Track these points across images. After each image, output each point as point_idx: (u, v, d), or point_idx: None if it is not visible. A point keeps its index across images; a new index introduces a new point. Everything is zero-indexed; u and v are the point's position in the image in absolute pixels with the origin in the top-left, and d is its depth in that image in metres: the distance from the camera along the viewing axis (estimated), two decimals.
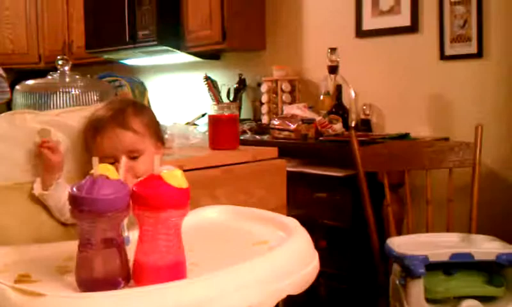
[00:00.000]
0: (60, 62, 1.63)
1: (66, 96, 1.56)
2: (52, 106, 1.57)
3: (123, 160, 0.82)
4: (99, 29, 4.03)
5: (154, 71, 4.43)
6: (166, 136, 1.43)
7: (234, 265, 0.81)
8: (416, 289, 1.58)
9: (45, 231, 1.20)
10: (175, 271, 0.81)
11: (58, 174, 1.18)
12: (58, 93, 1.56)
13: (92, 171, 0.80)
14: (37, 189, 1.17)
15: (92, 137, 1.19)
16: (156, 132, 1.24)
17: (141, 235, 0.81)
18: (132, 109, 1.21)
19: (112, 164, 1.12)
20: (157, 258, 0.80)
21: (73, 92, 1.57)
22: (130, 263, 0.83)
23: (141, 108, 1.24)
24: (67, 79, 1.61)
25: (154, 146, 1.21)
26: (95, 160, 0.81)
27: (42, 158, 1.18)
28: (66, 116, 1.35)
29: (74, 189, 0.79)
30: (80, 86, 1.58)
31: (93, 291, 0.76)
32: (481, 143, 2.02)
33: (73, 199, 0.79)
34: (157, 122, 1.27)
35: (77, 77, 1.64)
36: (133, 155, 1.15)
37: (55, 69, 1.65)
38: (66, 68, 1.63)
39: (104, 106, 1.23)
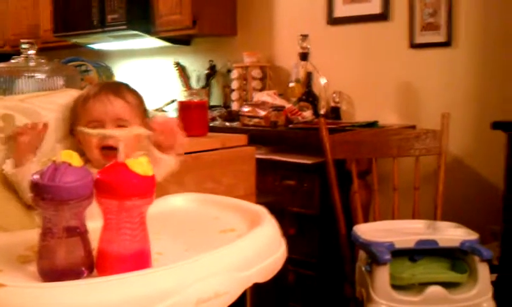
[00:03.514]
0: (24, 46, 1.58)
1: (30, 81, 1.52)
2: (16, 91, 1.53)
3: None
4: (67, 12, 3.94)
5: (123, 56, 4.36)
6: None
7: (200, 254, 0.81)
8: (382, 275, 1.60)
9: (8, 219, 1.17)
10: (140, 260, 0.80)
11: (33, 154, 1.18)
12: (22, 77, 1.52)
13: (54, 158, 0.79)
14: (8, 168, 1.16)
15: (83, 103, 1.22)
16: (143, 115, 1.29)
17: (104, 223, 0.79)
18: (126, 86, 1.30)
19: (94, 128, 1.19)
20: (121, 247, 0.78)
21: (38, 76, 1.52)
22: (94, 252, 0.81)
23: (134, 89, 1.32)
24: (31, 63, 1.56)
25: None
26: (58, 146, 0.79)
27: (21, 139, 1.17)
28: (31, 101, 1.33)
29: (36, 176, 0.77)
30: (45, 71, 1.54)
31: (55, 281, 0.74)
32: (448, 131, 2.05)
33: (35, 187, 0.77)
34: (146, 109, 1.34)
35: (42, 61, 1.60)
36: (120, 124, 1.21)
37: (20, 53, 1.61)
38: (31, 52, 1.58)
39: (98, 83, 1.27)
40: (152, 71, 4.17)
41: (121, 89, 1.26)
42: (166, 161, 1.23)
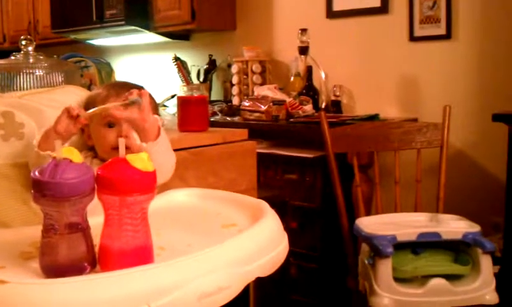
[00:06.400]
0: (23, 42, 1.58)
1: (29, 77, 1.51)
2: (15, 87, 1.53)
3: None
4: (65, 8, 3.93)
5: (122, 51, 4.35)
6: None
7: (202, 249, 0.80)
8: (385, 268, 1.60)
9: (10, 214, 1.17)
10: (142, 255, 0.79)
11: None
12: (21, 74, 1.51)
13: (55, 154, 0.78)
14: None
15: (104, 100, 1.23)
16: (156, 112, 1.32)
17: (106, 219, 0.79)
18: (139, 87, 1.30)
19: (110, 126, 1.23)
20: (123, 242, 0.78)
21: (37, 73, 1.52)
22: (96, 248, 0.81)
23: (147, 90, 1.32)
24: (31, 60, 1.56)
25: None
26: (58, 143, 0.79)
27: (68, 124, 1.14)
28: (30, 98, 1.33)
29: (36, 173, 0.77)
30: (44, 67, 1.54)
31: (57, 278, 0.74)
32: (449, 124, 2.05)
33: (36, 184, 0.76)
34: (157, 106, 1.38)
35: (41, 57, 1.59)
36: None
37: (20, 49, 1.60)
38: (30, 48, 1.58)
39: (113, 82, 1.28)
40: (151, 67, 4.16)
41: (143, 91, 1.25)
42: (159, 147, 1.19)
